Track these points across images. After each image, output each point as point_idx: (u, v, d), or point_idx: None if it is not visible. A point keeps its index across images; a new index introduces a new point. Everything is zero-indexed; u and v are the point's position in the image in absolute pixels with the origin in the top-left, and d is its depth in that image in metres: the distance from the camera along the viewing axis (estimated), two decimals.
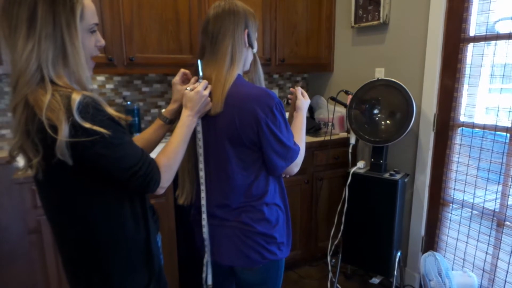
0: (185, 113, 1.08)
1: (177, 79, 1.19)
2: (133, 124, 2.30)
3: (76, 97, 0.78)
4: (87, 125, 0.78)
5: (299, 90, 1.34)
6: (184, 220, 2.02)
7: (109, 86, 2.31)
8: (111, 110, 0.85)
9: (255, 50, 1.20)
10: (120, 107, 2.34)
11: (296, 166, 1.19)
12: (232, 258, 1.17)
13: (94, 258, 0.92)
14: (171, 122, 1.21)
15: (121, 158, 0.85)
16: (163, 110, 1.21)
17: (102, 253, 0.92)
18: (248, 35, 1.15)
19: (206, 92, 1.09)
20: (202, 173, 1.16)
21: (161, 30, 2.07)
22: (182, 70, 1.20)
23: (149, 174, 0.90)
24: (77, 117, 0.77)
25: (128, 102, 2.30)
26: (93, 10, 0.89)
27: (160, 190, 0.96)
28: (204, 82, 1.10)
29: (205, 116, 1.12)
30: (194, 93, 1.07)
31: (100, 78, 2.28)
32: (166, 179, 0.97)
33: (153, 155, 0.98)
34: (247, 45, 1.16)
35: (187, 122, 1.07)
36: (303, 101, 1.32)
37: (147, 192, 0.95)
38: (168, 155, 1.00)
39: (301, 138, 1.24)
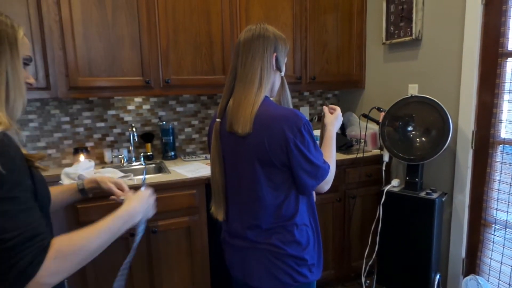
0: (126, 206, 0.90)
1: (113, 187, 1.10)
2: (168, 143, 2.39)
3: None
4: None
5: (325, 108, 1.36)
6: (217, 238, 2.04)
7: (146, 106, 2.42)
8: (25, 151, 0.71)
9: (282, 73, 1.23)
10: (156, 127, 2.44)
11: (326, 184, 1.19)
12: (263, 280, 1.17)
13: None
14: (84, 192, 1.11)
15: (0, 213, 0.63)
16: (85, 180, 1.12)
17: None
18: (277, 59, 1.18)
19: (153, 199, 1.03)
20: None
21: (195, 53, 2.16)
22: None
23: (24, 251, 0.63)
24: None
25: (164, 122, 2.39)
26: (28, 44, 0.83)
27: (33, 286, 0.63)
28: (150, 190, 1.04)
29: (235, 137, 1.14)
30: (148, 193, 1.01)
31: (138, 99, 2.39)
32: (52, 270, 0.66)
33: None
34: (275, 68, 1.19)
35: (125, 218, 0.86)
36: (331, 118, 1.33)
37: (9, 279, 0.63)
38: (73, 240, 0.72)
39: (330, 155, 1.25)
